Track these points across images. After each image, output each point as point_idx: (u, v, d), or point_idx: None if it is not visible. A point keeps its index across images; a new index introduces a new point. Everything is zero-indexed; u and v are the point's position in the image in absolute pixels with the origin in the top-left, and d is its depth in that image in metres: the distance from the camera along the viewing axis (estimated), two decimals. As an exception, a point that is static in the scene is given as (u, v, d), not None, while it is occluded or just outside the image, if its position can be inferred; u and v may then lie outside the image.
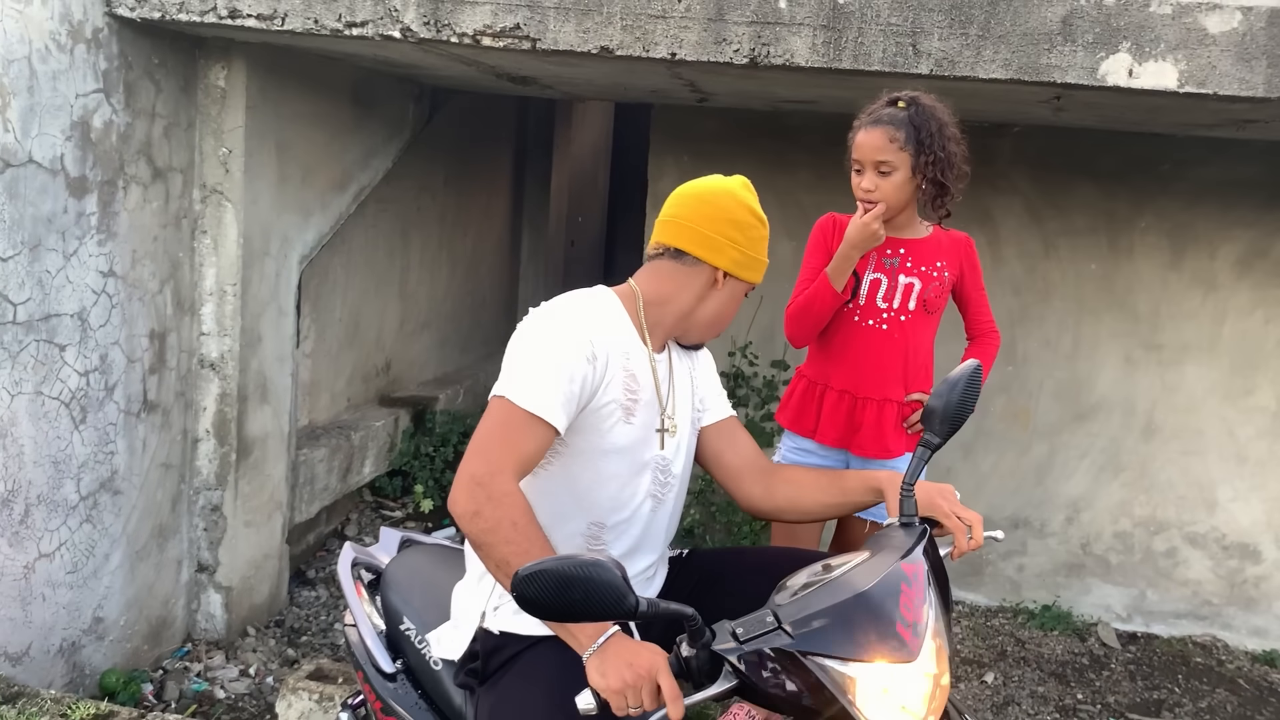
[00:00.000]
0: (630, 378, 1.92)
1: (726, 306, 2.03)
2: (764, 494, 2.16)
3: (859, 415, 2.61)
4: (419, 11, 2.84)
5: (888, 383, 2.58)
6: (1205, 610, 4.35)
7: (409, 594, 2.21)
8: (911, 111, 2.42)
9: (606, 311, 1.95)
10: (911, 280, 2.55)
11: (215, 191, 3.42)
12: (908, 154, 2.41)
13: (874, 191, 2.45)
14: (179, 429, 3.45)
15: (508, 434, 1.79)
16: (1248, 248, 4.16)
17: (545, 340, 1.84)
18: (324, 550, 4.45)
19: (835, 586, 1.60)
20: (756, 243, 2.00)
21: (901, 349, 2.59)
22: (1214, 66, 2.52)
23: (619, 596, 1.42)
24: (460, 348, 5.90)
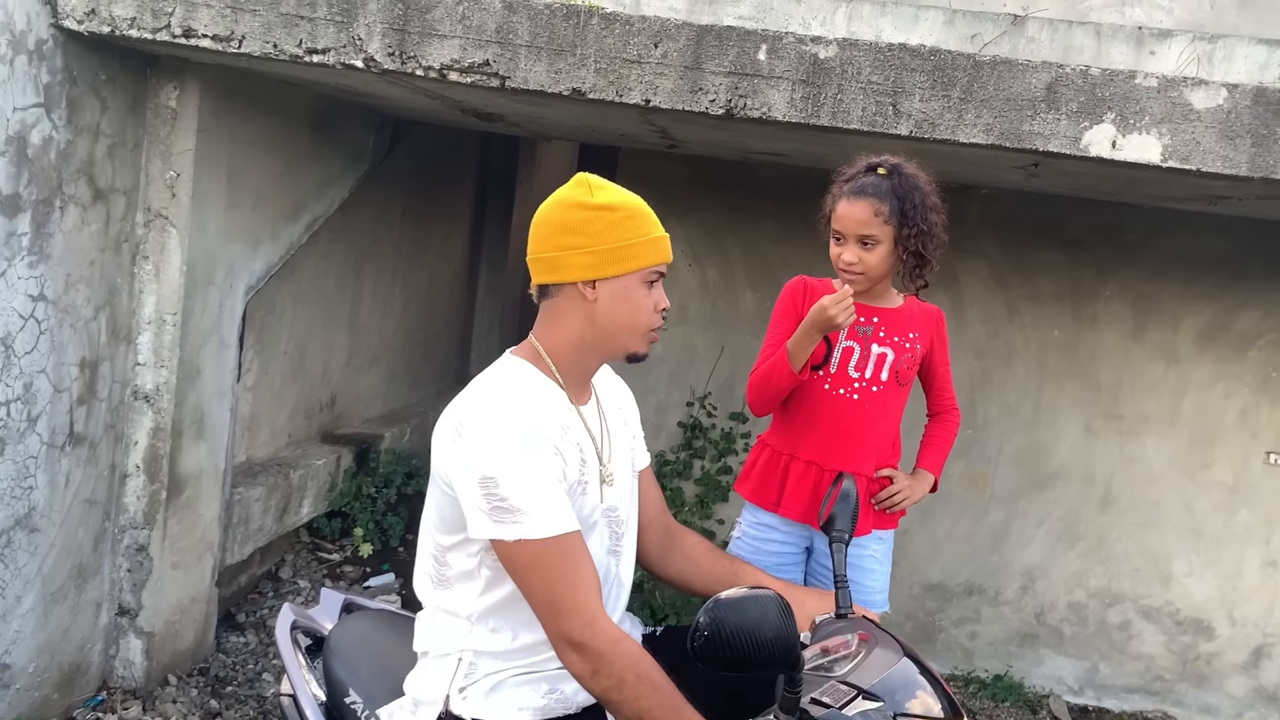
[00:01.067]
0: (574, 449, 1.81)
1: (620, 308, 1.82)
2: (658, 558, 2.12)
3: (825, 488, 2.47)
4: (384, 42, 2.73)
5: (858, 455, 2.48)
6: (1157, 685, 4.29)
7: (355, 664, 2.06)
8: (895, 181, 2.34)
9: (532, 391, 1.81)
10: (884, 350, 2.46)
11: (160, 216, 3.26)
12: (891, 227, 2.33)
13: (856, 264, 2.37)
14: (106, 464, 3.27)
15: (565, 573, 1.69)
16: (1210, 321, 4.16)
17: (519, 458, 1.70)
18: (256, 593, 4.25)
19: (876, 662, 1.64)
20: (607, 232, 1.78)
21: (872, 420, 2.48)
22: (1198, 142, 2.48)
23: (788, 649, 1.44)
24: (410, 384, 5.74)
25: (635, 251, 1.80)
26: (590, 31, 2.68)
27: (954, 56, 2.57)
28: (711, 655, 1.39)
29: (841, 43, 2.61)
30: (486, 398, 1.78)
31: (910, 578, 4.40)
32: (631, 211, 1.82)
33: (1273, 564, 4.17)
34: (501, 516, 1.68)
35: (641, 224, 1.82)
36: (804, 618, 1.98)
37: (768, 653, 1.39)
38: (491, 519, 1.69)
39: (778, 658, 1.40)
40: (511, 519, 1.68)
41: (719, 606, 1.40)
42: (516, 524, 1.68)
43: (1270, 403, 4.14)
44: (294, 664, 2.17)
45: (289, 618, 2.25)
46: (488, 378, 1.84)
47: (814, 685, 1.57)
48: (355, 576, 4.53)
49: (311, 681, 2.13)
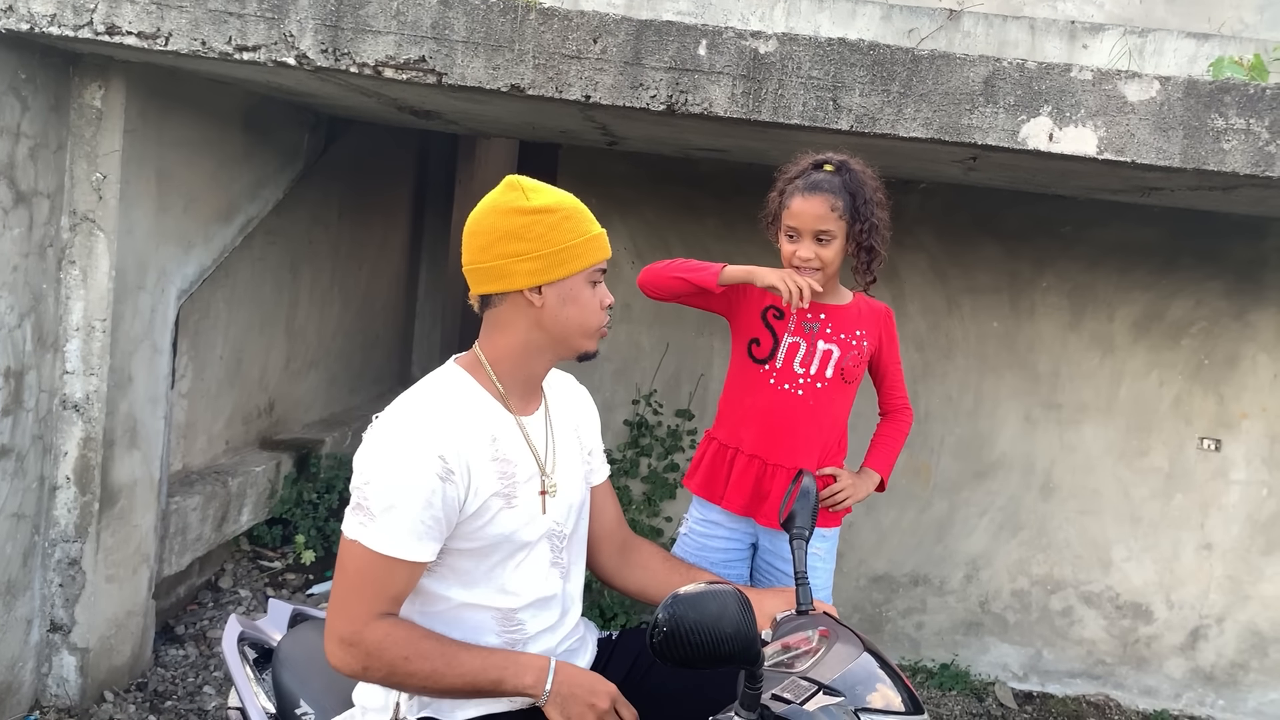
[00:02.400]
0: (502, 463, 1.77)
1: (568, 311, 1.79)
2: (616, 570, 2.11)
3: (767, 482, 2.48)
4: (316, 38, 2.67)
5: (800, 450, 2.47)
6: (1099, 670, 4.37)
7: (306, 674, 2.01)
8: (845, 177, 2.36)
9: (458, 401, 1.77)
10: (830, 347, 2.46)
11: (86, 219, 3.16)
12: (845, 222, 2.36)
13: (812, 260, 2.37)
14: (35, 476, 3.16)
15: (365, 583, 1.67)
16: (1144, 310, 4.23)
17: (395, 468, 1.66)
18: (195, 604, 4.15)
19: (836, 657, 1.64)
20: (549, 235, 1.75)
21: (817, 417, 2.48)
22: (1132, 134, 2.52)
23: (748, 644, 1.42)
24: (350, 387, 5.65)
25: (578, 252, 1.77)
26: (528, 26, 2.64)
27: (893, 51, 2.57)
28: (671, 651, 1.38)
29: (781, 38, 2.60)
30: (401, 405, 1.75)
31: (857, 570, 4.43)
32: (570, 211, 1.79)
33: (1207, 547, 4.26)
34: (355, 512, 1.68)
35: (580, 223, 1.80)
36: (764, 616, 1.97)
37: (727, 648, 1.38)
38: (350, 511, 1.69)
39: (737, 653, 1.39)
40: (359, 517, 1.67)
41: (678, 602, 1.38)
42: (360, 525, 1.67)
43: (1202, 390, 4.23)
44: (242, 676, 2.12)
45: (236, 629, 2.20)
46: (418, 386, 1.81)
47: (775, 681, 1.56)
48: (298, 584, 4.44)
49: (260, 694, 2.08)
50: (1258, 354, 4.19)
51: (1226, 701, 4.31)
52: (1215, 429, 4.24)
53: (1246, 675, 4.30)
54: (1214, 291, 4.19)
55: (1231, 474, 4.24)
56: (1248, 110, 2.50)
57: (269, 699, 2.05)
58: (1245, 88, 2.50)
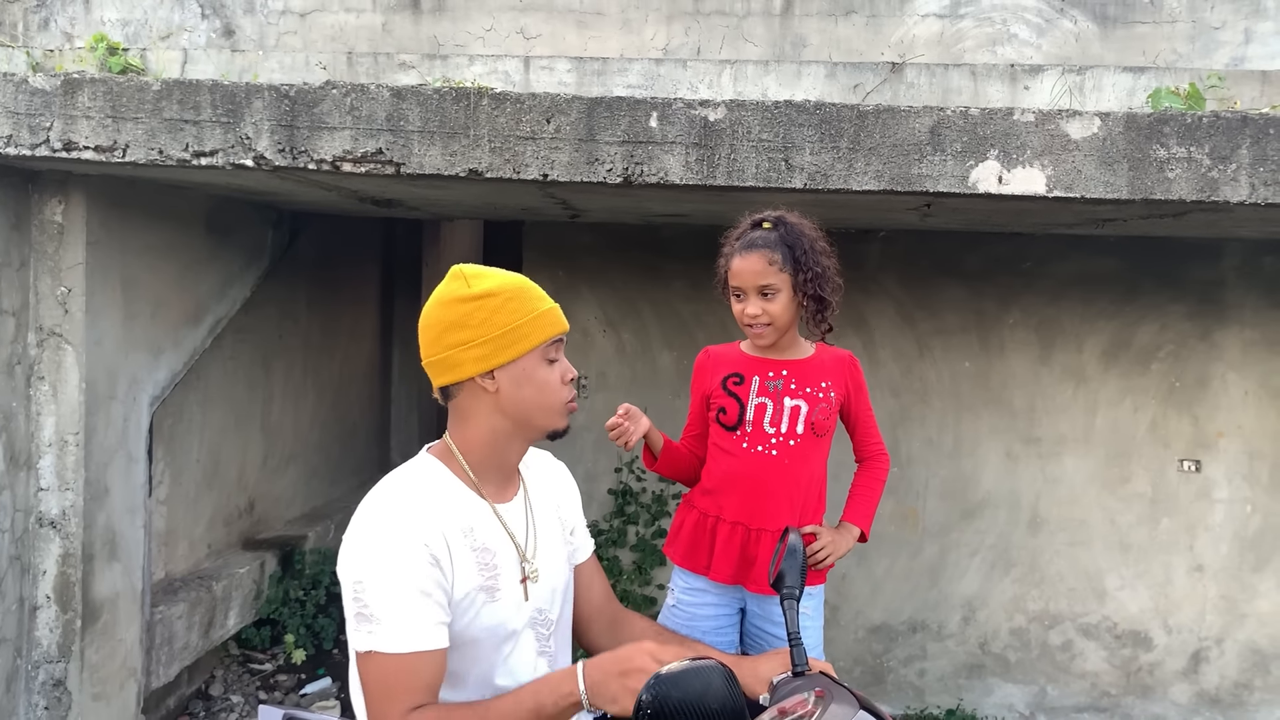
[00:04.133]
0: (482, 552, 1.75)
1: (525, 392, 1.77)
2: (608, 647, 2.05)
3: (752, 548, 2.46)
4: (273, 139, 2.70)
5: (782, 511, 2.45)
6: (1104, 702, 4.34)
7: None
8: (781, 231, 2.37)
9: (432, 492, 1.75)
10: (798, 403, 2.45)
11: (53, 334, 3.15)
12: (788, 274, 2.36)
13: (761, 316, 2.39)
14: (14, 597, 3.11)
15: (394, 687, 1.63)
16: (1111, 339, 4.28)
17: (385, 564, 1.64)
18: (186, 715, 4.06)
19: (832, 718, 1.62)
20: (492, 319, 1.74)
21: (794, 474, 2.47)
22: (1079, 171, 2.57)
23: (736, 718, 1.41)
24: (330, 479, 5.61)
25: (525, 331, 1.76)
26: (482, 112, 2.68)
27: (839, 109, 2.63)
28: None
29: (730, 104, 2.65)
30: (374, 499, 1.73)
31: (854, 621, 4.40)
32: (513, 293, 1.77)
33: (1199, 569, 4.27)
34: (359, 624, 1.64)
35: (525, 302, 1.78)
36: (760, 679, 1.95)
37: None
38: (354, 624, 1.65)
39: None
40: (365, 627, 1.63)
41: (660, 682, 1.37)
42: (369, 633, 1.63)
43: (1176, 412, 4.27)
44: None
45: None
46: (389, 478, 1.79)
47: None
48: (290, 685, 4.36)
49: None
50: (1226, 373, 4.24)
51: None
52: (1194, 450, 4.28)
53: (1251, 694, 4.28)
54: (1177, 315, 4.25)
55: (1214, 493, 4.26)
56: (1188, 139, 2.57)
57: None
58: (1183, 117, 2.57)
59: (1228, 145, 2.57)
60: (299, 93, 2.70)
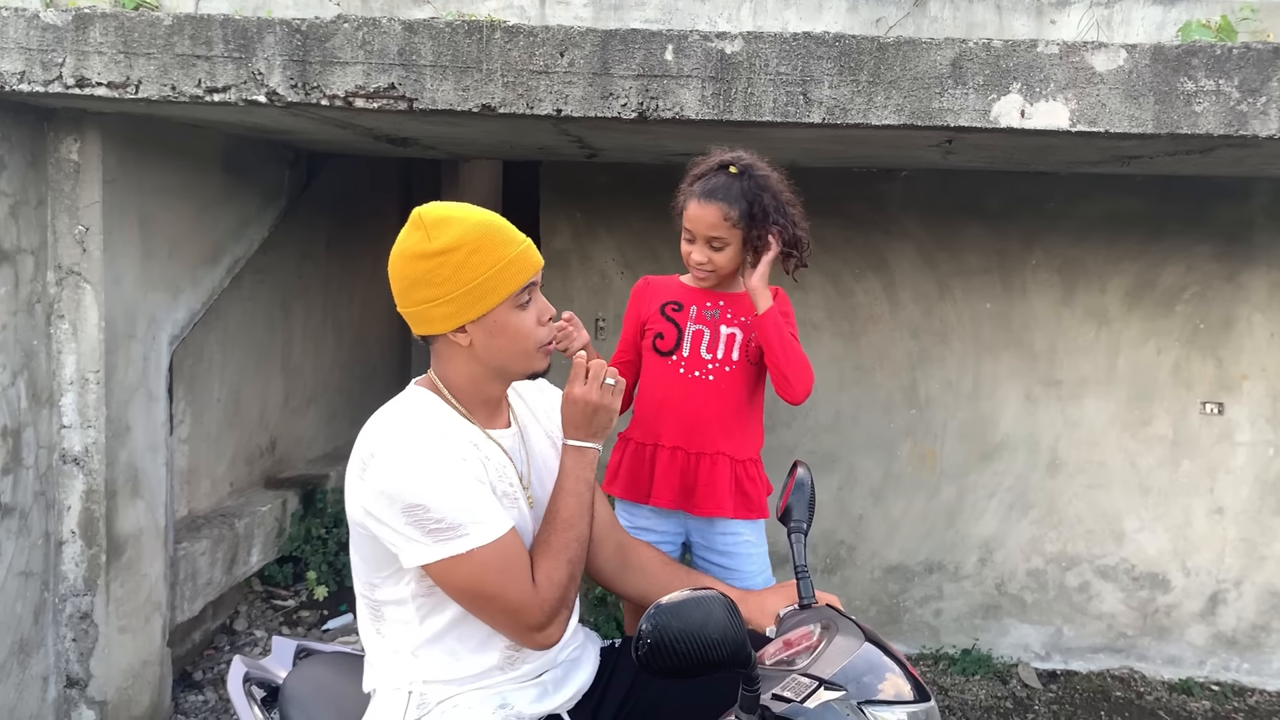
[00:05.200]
0: (489, 462, 1.80)
1: (499, 342, 1.78)
2: (615, 574, 2.10)
3: (693, 472, 2.51)
4: (285, 74, 2.68)
5: (719, 436, 2.50)
6: (1120, 643, 4.35)
7: (314, 710, 2.01)
8: (744, 183, 2.38)
9: (435, 417, 1.79)
10: (733, 330, 2.50)
11: (72, 273, 3.17)
12: (740, 230, 2.39)
13: (705, 264, 2.45)
14: (40, 532, 3.16)
15: (509, 570, 1.70)
16: (1135, 280, 4.23)
17: (441, 477, 1.67)
18: (211, 649, 4.14)
19: (838, 650, 1.62)
20: (456, 276, 1.71)
21: (730, 400, 2.51)
22: (1104, 105, 2.51)
23: (737, 647, 1.41)
24: (351, 420, 5.64)
25: (491, 285, 1.73)
26: (495, 46, 2.65)
27: (859, 41, 2.58)
28: (657, 662, 1.37)
29: (747, 37, 2.60)
30: (389, 428, 1.74)
31: (870, 561, 4.41)
32: (476, 243, 1.72)
33: (1219, 511, 4.25)
34: (445, 535, 1.66)
35: (491, 252, 1.73)
36: (767, 613, 1.97)
37: (716, 654, 1.37)
38: (434, 541, 1.66)
39: (726, 658, 1.38)
40: (453, 534, 1.66)
41: (660, 612, 1.37)
42: (461, 538, 1.66)
43: (1200, 355, 4.22)
44: (250, 717, 2.11)
45: (241, 670, 2.19)
46: (388, 409, 1.81)
47: (776, 680, 1.56)
48: (313, 621, 4.44)
49: None
50: (1252, 314, 4.18)
51: (1251, 664, 4.29)
52: (1216, 393, 4.23)
53: (1269, 636, 4.28)
54: (1204, 256, 4.18)
55: (1237, 436, 4.23)
56: (1216, 71, 2.50)
57: None
58: (1212, 49, 2.50)
59: (1258, 78, 2.50)
60: (310, 27, 2.67)
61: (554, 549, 1.77)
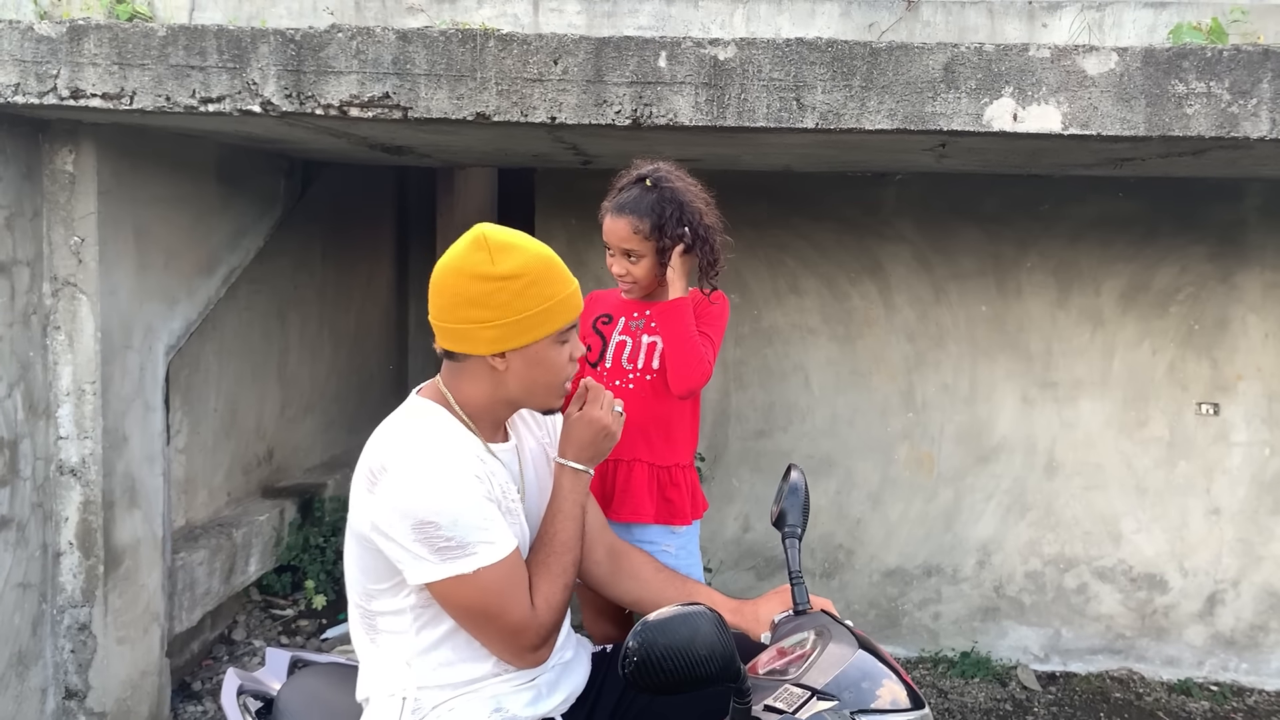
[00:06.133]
0: (495, 480, 1.80)
1: (534, 373, 1.78)
2: (608, 578, 2.10)
3: (611, 479, 2.53)
4: (279, 84, 2.68)
5: (636, 443, 2.51)
6: (1119, 644, 4.35)
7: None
8: (655, 196, 2.42)
9: (443, 430, 1.78)
10: (655, 339, 2.52)
11: (68, 284, 3.17)
12: (651, 242, 2.43)
13: (625, 275, 2.50)
14: (37, 544, 3.16)
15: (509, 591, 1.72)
16: (1129, 282, 4.24)
17: (452, 495, 1.67)
18: (210, 659, 4.13)
19: (831, 659, 1.62)
20: (513, 303, 1.70)
21: (653, 408, 2.52)
22: (1095, 108, 2.52)
23: (726, 663, 1.41)
24: (348, 429, 5.65)
25: (544, 318, 1.74)
26: (488, 54, 2.65)
27: (851, 46, 2.59)
28: (645, 680, 1.36)
29: (740, 43, 2.61)
30: (401, 442, 1.74)
31: (869, 565, 4.42)
32: (536, 275, 1.72)
33: (1216, 512, 4.26)
34: (453, 554, 1.66)
35: (548, 286, 1.74)
36: (761, 620, 1.97)
37: (704, 670, 1.36)
38: (441, 559, 1.66)
39: (715, 674, 1.36)
40: (457, 554, 1.66)
41: (647, 629, 1.36)
42: (470, 557, 1.66)
43: (1195, 355, 4.23)
44: None
45: (235, 682, 2.18)
46: (397, 421, 1.80)
47: (769, 691, 1.55)
48: (311, 629, 4.43)
49: None
50: (1246, 315, 4.20)
51: (1250, 664, 4.30)
52: (1212, 393, 4.24)
53: (1267, 636, 4.28)
54: (1197, 256, 4.19)
55: (1232, 436, 4.24)
56: (1207, 73, 2.51)
57: None
58: (1203, 51, 2.52)
59: (1248, 80, 2.52)
60: (304, 37, 2.68)
61: (553, 572, 1.79)
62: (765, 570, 4.45)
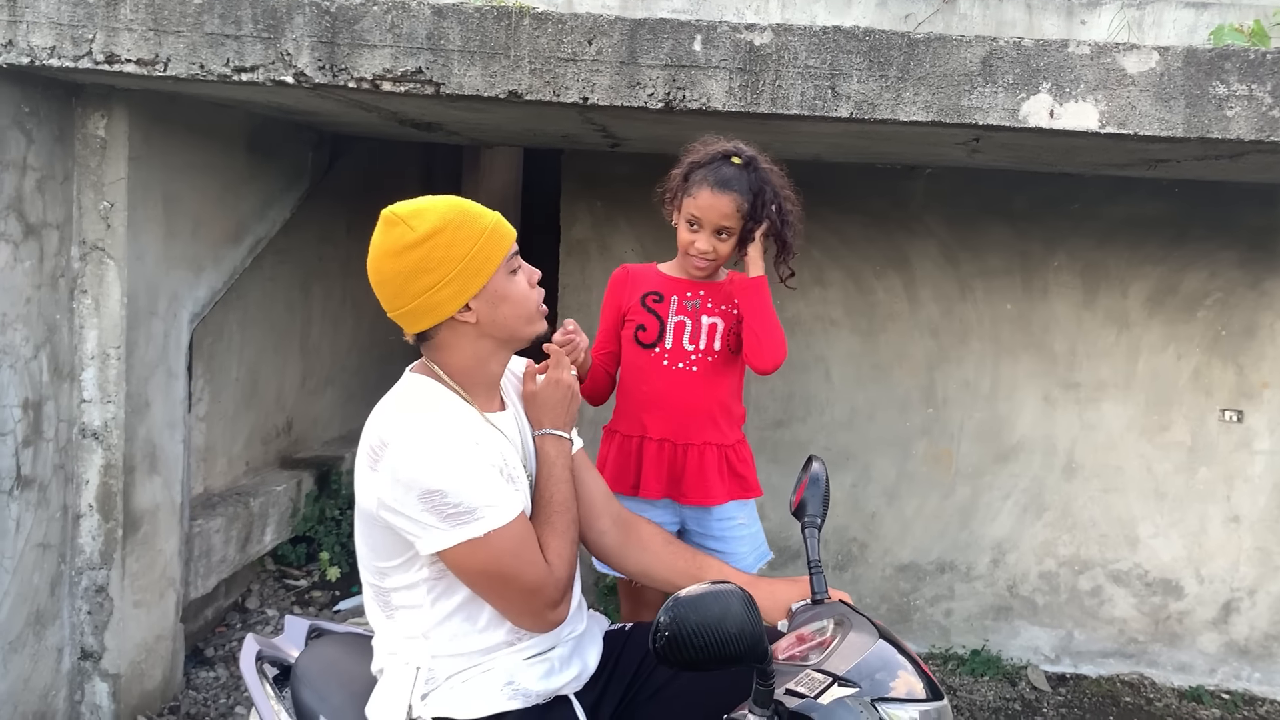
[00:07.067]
0: (492, 445, 1.82)
1: (503, 310, 1.82)
2: (615, 550, 2.11)
3: (681, 462, 2.53)
4: (313, 55, 2.68)
5: (706, 426, 2.52)
6: (1131, 648, 4.33)
7: (325, 690, 2.02)
8: (751, 176, 2.40)
9: (436, 398, 1.81)
10: (715, 320, 2.52)
11: (96, 248, 3.18)
12: (743, 221, 2.42)
13: (709, 253, 2.46)
14: (58, 505, 3.18)
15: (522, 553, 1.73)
16: (1157, 284, 4.20)
17: (457, 464, 1.69)
18: (223, 626, 4.17)
19: (851, 647, 1.62)
20: (449, 254, 1.74)
21: (713, 390, 2.53)
22: (1134, 107, 2.50)
23: (754, 643, 1.41)
24: (367, 403, 5.61)
25: (485, 254, 1.77)
26: (523, 32, 2.64)
27: (889, 36, 2.56)
28: (674, 655, 1.37)
29: (776, 29, 2.60)
30: (398, 416, 1.76)
31: (882, 560, 4.41)
32: (457, 220, 1.77)
33: (1235, 520, 4.23)
34: (459, 521, 1.67)
35: (472, 226, 1.78)
36: (779, 606, 1.96)
37: (733, 649, 1.37)
38: (451, 526, 1.68)
39: (744, 653, 1.38)
40: (471, 519, 1.68)
41: (679, 605, 1.37)
42: (479, 521, 1.68)
43: (1221, 361, 4.19)
44: (261, 695, 2.12)
45: (254, 648, 2.20)
46: (393, 398, 1.83)
47: (789, 675, 1.55)
48: (324, 601, 4.46)
49: (281, 712, 2.08)
50: (1275, 322, 4.15)
51: (1263, 674, 4.27)
52: (1236, 400, 4.21)
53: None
54: (1228, 262, 4.15)
55: (1255, 444, 4.20)
56: (1249, 76, 2.48)
57: (290, 716, 2.05)
58: (1246, 53, 2.48)
59: (1291, 83, 2.48)
60: (340, 9, 2.68)
61: (558, 529, 1.82)
62: (779, 560, 4.45)
